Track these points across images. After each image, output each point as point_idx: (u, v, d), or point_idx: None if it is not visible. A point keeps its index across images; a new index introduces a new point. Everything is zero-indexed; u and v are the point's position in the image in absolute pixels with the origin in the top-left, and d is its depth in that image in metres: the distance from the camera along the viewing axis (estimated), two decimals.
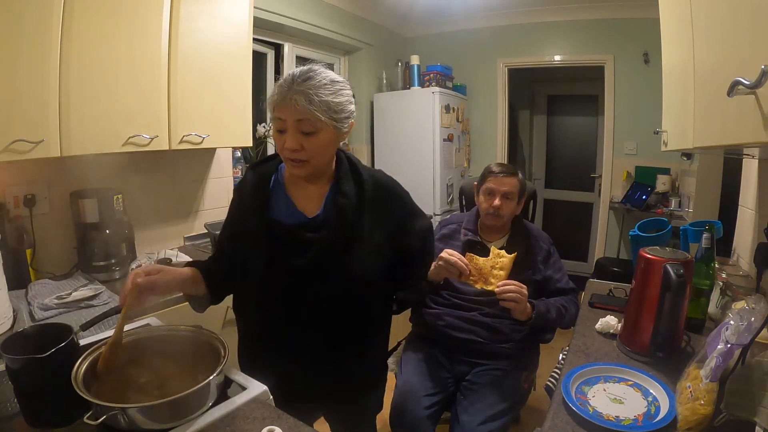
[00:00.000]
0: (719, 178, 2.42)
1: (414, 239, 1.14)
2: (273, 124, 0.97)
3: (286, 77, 0.95)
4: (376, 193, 1.06)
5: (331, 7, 3.00)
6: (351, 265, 1.00)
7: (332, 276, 1.01)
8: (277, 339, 1.07)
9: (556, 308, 1.49)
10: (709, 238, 1.24)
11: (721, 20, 0.89)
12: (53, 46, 1.27)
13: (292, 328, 1.05)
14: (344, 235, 1.00)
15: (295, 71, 0.95)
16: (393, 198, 1.10)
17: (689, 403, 0.82)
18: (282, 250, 1.00)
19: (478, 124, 3.83)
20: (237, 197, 1.12)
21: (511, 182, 1.57)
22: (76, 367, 0.81)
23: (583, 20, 3.40)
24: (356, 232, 1.01)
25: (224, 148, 2.25)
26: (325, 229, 1.00)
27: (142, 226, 1.90)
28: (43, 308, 1.29)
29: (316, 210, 1.04)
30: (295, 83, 0.92)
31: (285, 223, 1.02)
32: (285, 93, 0.92)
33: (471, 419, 1.34)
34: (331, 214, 1.01)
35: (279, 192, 1.06)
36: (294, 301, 1.03)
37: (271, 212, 1.03)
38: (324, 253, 0.99)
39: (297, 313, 1.04)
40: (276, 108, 0.94)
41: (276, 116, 0.95)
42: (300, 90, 0.91)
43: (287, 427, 0.78)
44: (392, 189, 1.12)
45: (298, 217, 1.03)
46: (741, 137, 0.78)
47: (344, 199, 1.01)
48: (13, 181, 1.53)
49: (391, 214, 1.08)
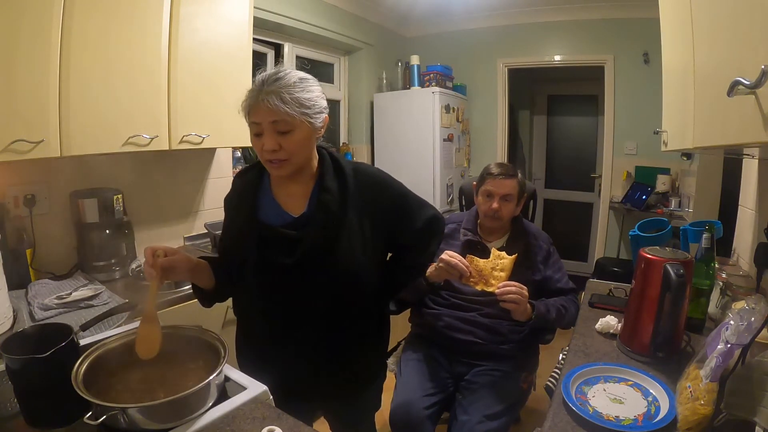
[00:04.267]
0: (719, 178, 2.42)
1: (409, 228, 1.12)
2: (250, 129, 0.99)
3: (256, 81, 0.97)
4: (360, 184, 1.06)
5: (331, 7, 3.00)
6: (339, 259, 1.02)
7: (322, 272, 1.02)
8: (274, 338, 1.09)
9: (556, 308, 1.49)
10: (709, 238, 1.24)
11: (722, 20, 0.89)
12: (53, 46, 1.27)
13: (288, 327, 1.07)
14: (330, 231, 1.01)
15: (263, 75, 0.97)
16: (379, 186, 1.10)
17: (689, 403, 0.82)
18: (272, 250, 1.02)
19: (478, 124, 3.83)
20: (228, 205, 1.15)
21: (510, 184, 1.56)
22: (76, 367, 0.81)
23: (583, 20, 3.40)
24: (343, 226, 1.02)
25: (224, 148, 2.25)
26: (310, 226, 1.02)
27: (142, 226, 1.90)
28: (43, 308, 1.29)
29: (302, 209, 1.06)
30: (266, 85, 0.94)
31: (273, 225, 1.04)
32: (257, 96, 0.94)
33: (469, 418, 1.34)
34: (316, 211, 1.03)
35: (266, 195, 1.09)
36: (287, 299, 1.05)
37: (260, 215, 1.06)
38: (311, 250, 1.00)
39: (291, 312, 1.05)
40: (251, 112, 0.96)
41: (251, 121, 0.97)
42: (271, 90, 0.93)
43: (287, 427, 0.78)
44: (377, 177, 1.11)
45: (285, 217, 1.06)
46: (741, 137, 0.78)
47: (328, 195, 1.02)
48: (13, 181, 1.53)
49: (379, 204, 1.08)
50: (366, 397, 1.26)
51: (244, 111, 0.98)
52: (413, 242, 1.15)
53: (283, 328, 1.07)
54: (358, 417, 1.30)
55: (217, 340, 0.93)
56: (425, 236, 1.16)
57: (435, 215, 1.17)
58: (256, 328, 1.13)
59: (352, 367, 1.14)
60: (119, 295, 1.45)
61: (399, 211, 1.11)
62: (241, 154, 2.46)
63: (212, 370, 0.81)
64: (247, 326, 1.17)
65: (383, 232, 1.09)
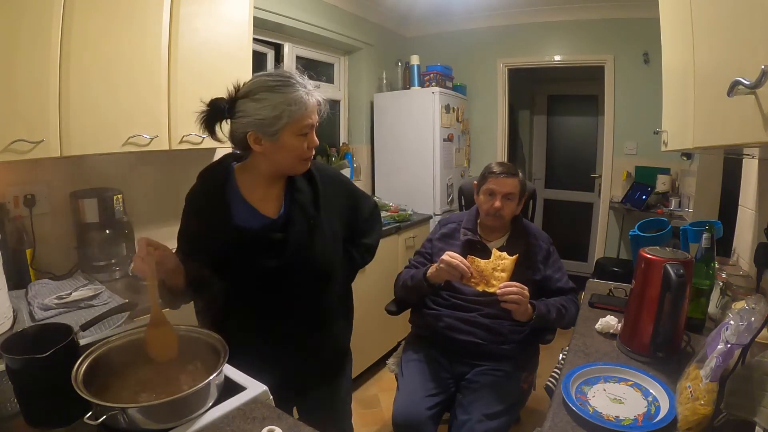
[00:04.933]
0: (719, 178, 2.42)
1: (360, 217, 1.24)
2: (298, 131, 1.00)
3: (298, 82, 1.00)
4: (326, 184, 1.14)
5: (331, 7, 3.00)
6: (317, 255, 1.07)
7: (302, 268, 1.06)
8: (252, 332, 1.06)
9: (556, 308, 1.49)
10: (709, 238, 1.24)
11: (722, 20, 0.89)
12: (53, 46, 1.27)
13: (266, 320, 1.08)
14: (308, 229, 1.07)
15: (293, 76, 1.01)
16: (339, 185, 1.20)
17: (689, 403, 0.82)
18: (252, 253, 1.04)
19: (478, 124, 3.83)
20: (193, 206, 1.12)
21: (512, 183, 1.57)
22: (76, 367, 0.81)
23: (583, 20, 3.39)
24: (317, 223, 1.08)
25: (224, 148, 2.24)
26: (290, 226, 1.05)
27: (142, 226, 1.89)
28: (43, 308, 1.29)
29: (277, 210, 1.08)
30: (309, 86, 1.01)
31: (252, 228, 1.05)
32: (308, 98, 0.99)
33: (469, 417, 1.34)
34: (292, 212, 1.06)
35: (236, 198, 1.08)
36: (267, 296, 1.06)
37: (234, 219, 1.05)
38: (294, 249, 1.04)
39: (269, 307, 1.08)
40: (306, 115, 0.99)
41: (306, 123, 1.00)
42: (315, 92, 1.01)
43: (287, 427, 0.78)
44: (337, 178, 1.21)
45: (262, 219, 1.07)
46: (741, 137, 0.78)
47: (301, 195, 1.08)
48: (13, 181, 1.53)
49: (339, 201, 1.17)
50: (336, 383, 1.27)
51: (296, 114, 0.98)
52: (364, 227, 1.26)
53: (259, 321, 1.07)
54: (330, 408, 1.28)
55: (217, 340, 0.93)
56: (372, 221, 1.29)
57: (375, 202, 1.33)
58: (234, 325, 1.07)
59: (323, 353, 1.19)
60: (119, 295, 1.45)
61: (353, 204, 1.22)
62: None
63: (212, 370, 0.81)
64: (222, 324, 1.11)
65: (343, 223, 1.18)
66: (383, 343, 2.64)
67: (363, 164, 3.47)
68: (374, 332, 2.49)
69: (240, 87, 1.02)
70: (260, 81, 1.00)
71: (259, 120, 0.98)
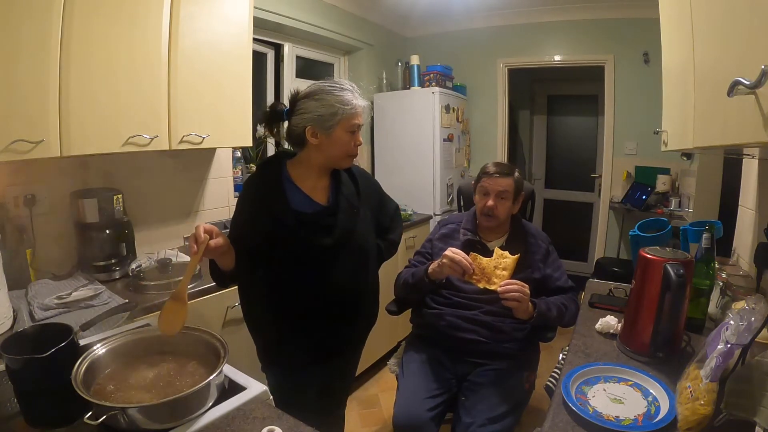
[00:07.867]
0: (719, 178, 2.42)
1: (386, 214, 1.44)
2: (348, 127, 1.19)
3: (345, 87, 1.19)
4: (363, 182, 1.34)
5: (331, 7, 3.00)
6: (358, 237, 1.27)
7: (349, 250, 1.25)
8: (309, 306, 1.24)
9: (557, 306, 1.49)
10: (709, 238, 1.24)
11: (721, 20, 0.89)
12: (53, 46, 1.26)
13: (315, 289, 1.23)
14: (353, 217, 1.26)
15: (341, 82, 1.21)
16: (372, 185, 1.42)
17: (689, 403, 0.82)
18: (308, 233, 1.20)
19: (478, 124, 3.83)
20: (251, 192, 1.26)
21: (506, 182, 1.57)
22: (76, 367, 0.81)
23: (583, 20, 3.39)
24: (358, 212, 1.28)
25: (224, 148, 2.25)
26: (340, 213, 1.24)
27: (142, 226, 1.89)
28: (43, 308, 1.29)
29: (326, 199, 1.27)
30: (357, 93, 1.20)
31: (307, 212, 1.22)
32: (358, 100, 1.19)
33: (473, 420, 1.34)
34: (339, 200, 1.25)
35: (291, 187, 1.24)
36: (323, 272, 1.23)
37: (292, 204, 1.21)
38: (343, 232, 1.23)
39: (318, 279, 1.23)
40: (355, 115, 1.19)
41: (356, 122, 1.20)
42: (361, 98, 1.20)
43: (287, 427, 0.78)
44: (370, 178, 1.44)
45: (315, 206, 1.24)
46: (741, 137, 0.78)
47: (345, 188, 1.28)
48: (13, 181, 1.52)
49: (372, 197, 1.38)
50: (357, 353, 1.50)
51: (349, 113, 1.17)
52: (390, 225, 1.45)
53: (318, 296, 1.24)
54: (343, 373, 1.46)
55: (218, 340, 0.93)
56: (396, 221, 1.49)
57: (397, 205, 1.52)
58: (295, 299, 1.24)
59: (365, 321, 1.41)
60: (119, 295, 1.44)
61: (381, 202, 1.42)
62: (241, 154, 2.46)
63: (212, 370, 0.82)
64: (280, 302, 1.25)
65: (375, 218, 1.37)
66: (383, 343, 2.64)
67: (363, 164, 3.47)
68: (374, 332, 2.44)
69: (299, 91, 1.22)
70: (320, 85, 1.20)
71: (318, 116, 1.16)
